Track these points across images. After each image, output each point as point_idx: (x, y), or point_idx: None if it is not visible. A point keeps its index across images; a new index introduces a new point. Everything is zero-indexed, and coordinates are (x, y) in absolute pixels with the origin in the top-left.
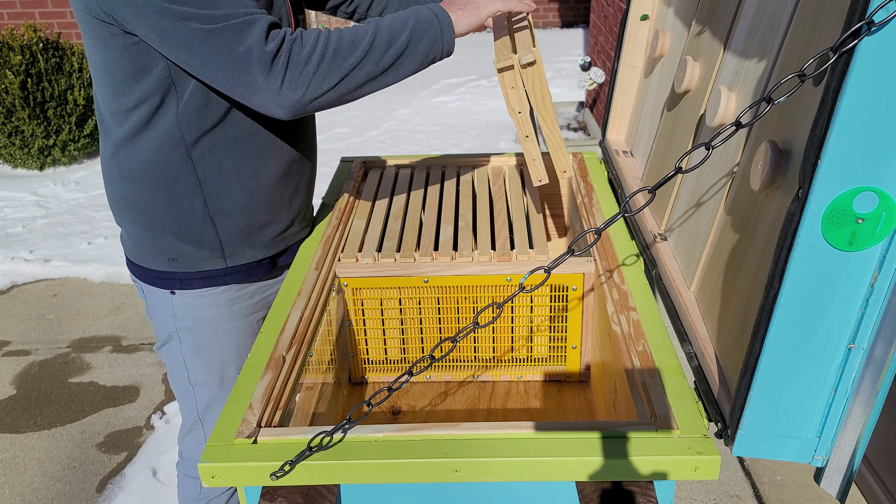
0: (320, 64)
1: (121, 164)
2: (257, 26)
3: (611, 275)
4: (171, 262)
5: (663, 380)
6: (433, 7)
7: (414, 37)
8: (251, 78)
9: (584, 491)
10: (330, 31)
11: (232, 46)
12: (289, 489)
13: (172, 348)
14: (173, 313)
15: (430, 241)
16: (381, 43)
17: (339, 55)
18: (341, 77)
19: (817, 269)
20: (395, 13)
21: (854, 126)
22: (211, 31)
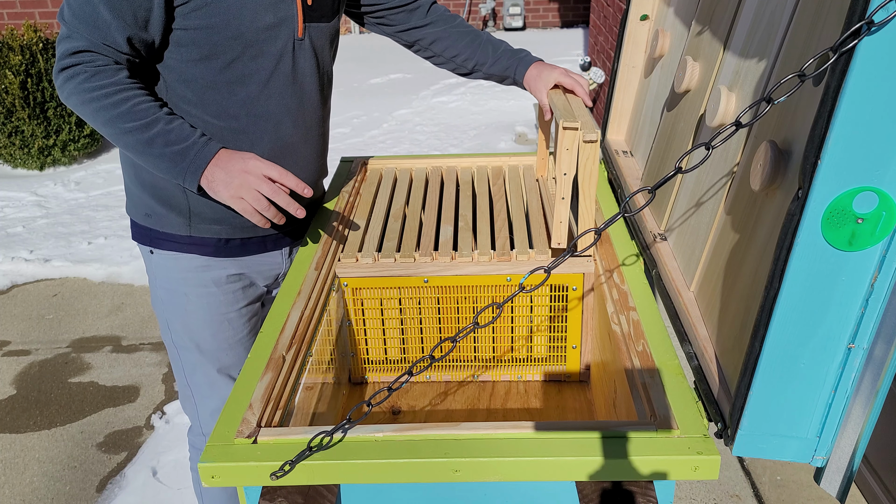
0: (96, 99)
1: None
2: (67, 45)
3: (611, 275)
4: (146, 218)
5: (663, 380)
6: (205, 152)
7: (162, 158)
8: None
9: (584, 491)
10: (129, 92)
11: (58, 41)
12: (289, 489)
13: (158, 307)
14: (154, 272)
15: (430, 241)
16: (141, 139)
17: (114, 108)
18: (95, 120)
19: (817, 269)
20: (183, 128)
21: (854, 126)
22: (62, 16)
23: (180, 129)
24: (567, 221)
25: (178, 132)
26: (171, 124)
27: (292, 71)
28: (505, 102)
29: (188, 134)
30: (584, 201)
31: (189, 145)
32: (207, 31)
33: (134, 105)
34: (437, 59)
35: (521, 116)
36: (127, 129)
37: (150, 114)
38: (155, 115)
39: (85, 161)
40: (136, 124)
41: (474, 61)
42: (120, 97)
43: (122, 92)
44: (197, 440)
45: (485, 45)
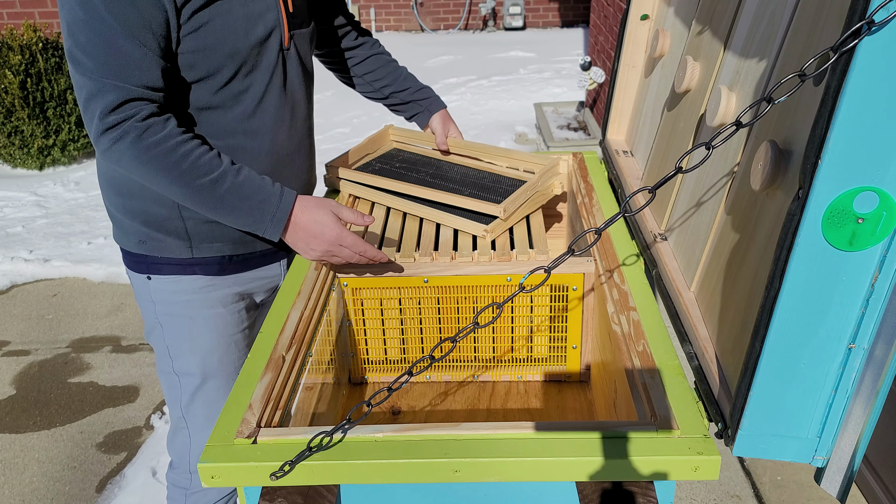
0: (156, 158)
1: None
2: (101, 103)
3: (611, 275)
4: (141, 245)
5: (663, 380)
6: (283, 206)
7: (239, 211)
8: (88, 126)
9: (584, 491)
10: (192, 144)
11: (82, 97)
12: (288, 489)
13: (157, 335)
14: (152, 299)
15: (430, 241)
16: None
17: (177, 166)
18: (159, 180)
19: (817, 269)
20: (256, 180)
21: (854, 126)
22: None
23: (251, 181)
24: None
25: (249, 184)
26: (239, 176)
27: (283, 82)
28: (505, 102)
29: (259, 185)
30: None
31: (265, 198)
32: (203, 52)
33: (197, 159)
34: (357, 80)
35: (521, 116)
36: (196, 186)
37: (216, 166)
38: (221, 167)
39: (84, 161)
40: (205, 181)
41: (391, 89)
42: (180, 153)
43: (181, 146)
44: (181, 479)
45: (403, 78)
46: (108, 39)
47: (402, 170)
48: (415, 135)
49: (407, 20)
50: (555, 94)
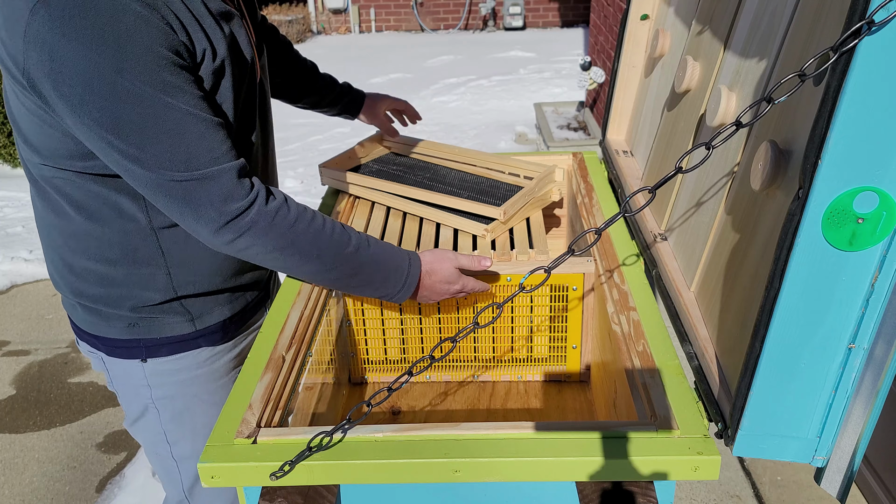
0: (296, 242)
1: (66, 224)
2: (214, 188)
3: (611, 275)
4: (132, 329)
5: (663, 380)
6: (412, 269)
7: (373, 283)
8: (196, 226)
9: (584, 491)
10: (317, 214)
11: (175, 199)
12: (288, 489)
13: (150, 421)
14: (147, 383)
15: (430, 241)
16: (349, 268)
17: (317, 245)
18: (295, 264)
19: (817, 269)
20: (385, 249)
21: (854, 126)
22: (161, 184)
23: (380, 248)
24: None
25: (381, 252)
26: (370, 244)
27: (262, 115)
28: (505, 102)
29: (388, 251)
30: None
31: (398, 265)
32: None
33: (330, 234)
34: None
35: (521, 116)
36: (336, 263)
37: (348, 238)
38: (353, 238)
39: None
40: (345, 254)
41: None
42: (314, 231)
43: (312, 223)
44: None
45: (321, 79)
46: (183, 126)
47: (399, 172)
48: (408, 140)
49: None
50: (555, 94)
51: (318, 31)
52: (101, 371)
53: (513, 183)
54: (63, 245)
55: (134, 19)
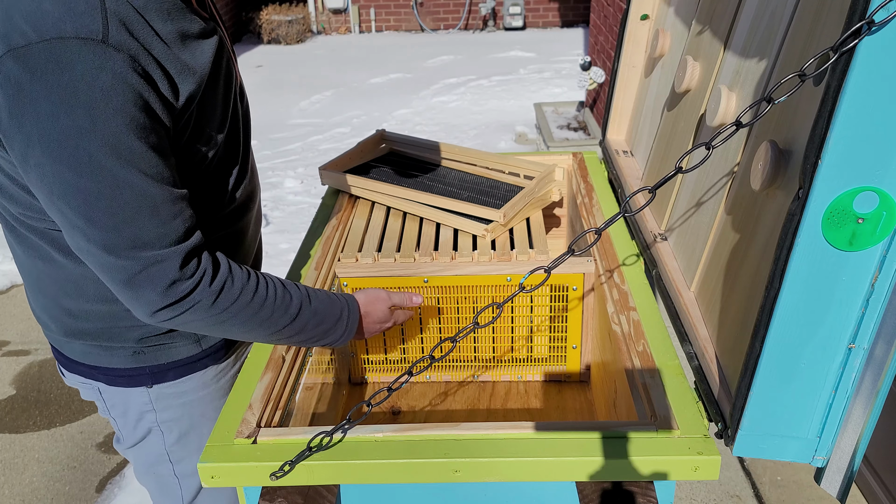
0: (233, 317)
1: (57, 271)
2: (159, 274)
3: (611, 275)
4: (136, 357)
5: (663, 380)
6: (352, 316)
7: (315, 336)
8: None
9: (584, 491)
10: (261, 282)
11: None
12: (288, 489)
13: (152, 443)
14: (152, 408)
15: (430, 241)
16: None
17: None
18: (233, 333)
19: (817, 269)
20: (324, 300)
21: (854, 126)
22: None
23: (320, 302)
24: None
25: (322, 307)
26: (311, 301)
27: (245, 120)
28: (505, 102)
29: (328, 302)
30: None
31: (339, 315)
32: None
33: (272, 302)
34: None
35: (521, 116)
36: (278, 329)
37: (290, 300)
38: (293, 299)
39: None
40: (285, 321)
41: None
42: (256, 303)
43: (256, 294)
44: None
45: None
46: (137, 204)
47: (398, 173)
48: (408, 140)
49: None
50: (555, 94)
51: (318, 31)
52: (92, 400)
53: (513, 183)
54: (58, 291)
55: (111, 78)
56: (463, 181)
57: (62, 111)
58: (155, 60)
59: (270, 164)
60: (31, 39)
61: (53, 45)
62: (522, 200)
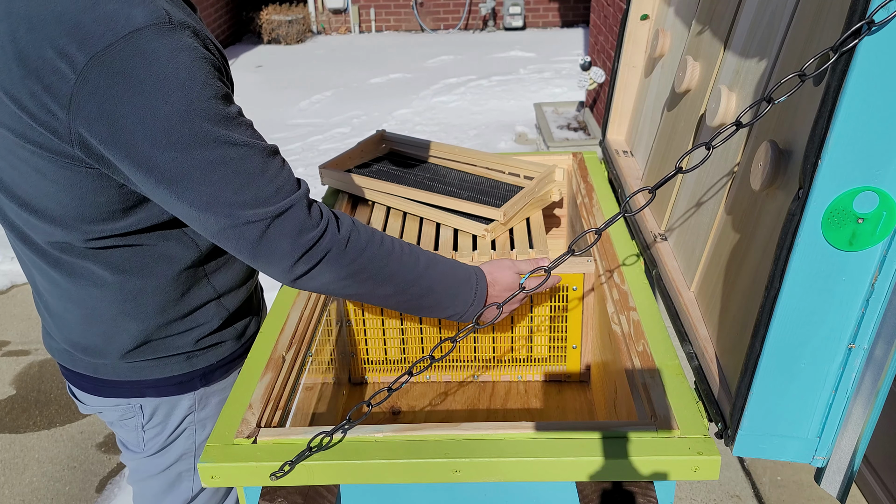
0: (367, 263)
1: (114, 293)
2: (286, 223)
3: (611, 275)
4: (190, 361)
5: (663, 380)
6: (480, 281)
7: (443, 302)
8: (270, 263)
9: (584, 491)
10: (384, 236)
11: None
12: (288, 489)
13: (181, 443)
14: (194, 409)
15: (430, 241)
16: (420, 289)
17: (388, 268)
18: (370, 290)
19: (817, 269)
20: (452, 264)
21: (854, 126)
22: (235, 228)
23: (443, 260)
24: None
25: (444, 263)
26: (438, 264)
27: None
28: (505, 102)
29: (451, 263)
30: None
31: (467, 276)
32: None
33: (400, 254)
34: None
35: (521, 116)
36: (410, 284)
37: (416, 254)
38: (419, 253)
39: None
40: (414, 275)
41: None
42: (384, 253)
43: (382, 245)
44: None
45: None
46: (249, 165)
47: (399, 172)
48: (408, 140)
49: (407, 20)
50: (555, 94)
51: (318, 31)
52: (115, 420)
53: (513, 183)
54: (118, 313)
55: (190, 56)
56: (463, 181)
57: (159, 100)
58: (206, 36)
59: None
60: (109, 40)
61: (132, 38)
62: (522, 200)
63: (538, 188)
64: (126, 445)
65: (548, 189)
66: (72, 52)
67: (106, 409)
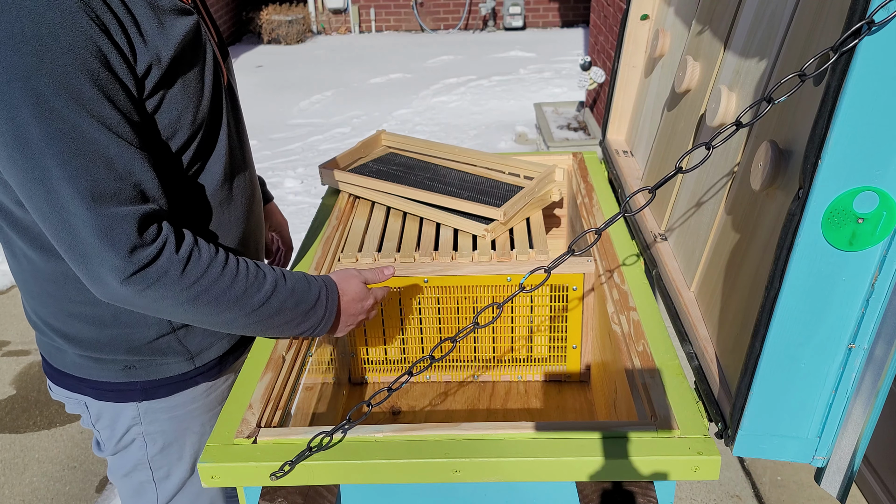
0: (206, 293)
1: (38, 270)
2: (122, 231)
3: (611, 275)
4: (127, 371)
5: (663, 380)
6: (331, 293)
7: (295, 319)
8: (99, 273)
9: (584, 491)
10: (234, 258)
11: (81, 239)
12: (289, 489)
13: (133, 452)
14: (139, 420)
15: (430, 241)
16: (270, 309)
17: (230, 294)
18: (208, 316)
19: (817, 269)
20: (300, 278)
21: (854, 126)
22: (64, 218)
23: (297, 280)
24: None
25: (299, 286)
26: (286, 280)
27: (235, 123)
28: (505, 102)
29: (304, 282)
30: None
31: (318, 296)
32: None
33: (244, 278)
34: None
35: (521, 116)
36: (252, 309)
37: (263, 277)
38: (268, 276)
39: None
40: (260, 299)
41: None
42: (228, 277)
43: (225, 268)
44: None
45: None
46: (90, 151)
47: (399, 172)
48: (408, 140)
49: (407, 20)
50: (555, 94)
51: (318, 32)
52: (77, 413)
53: (513, 183)
54: (41, 292)
55: (60, 16)
56: (463, 181)
57: (9, 49)
58: (111, 12)
59: (270, 164)
60: None
61: None
62: (522, 200)
63: (538, 188)
64: (96, 441)
65: (548, 189)
66: None
67: (64, 400)
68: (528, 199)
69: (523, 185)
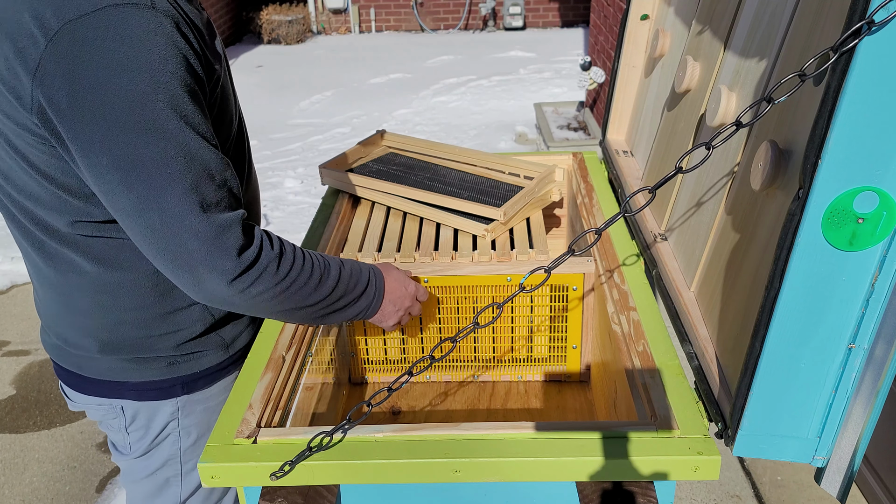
0: (295, 286)
1: (90, 283)
2: (230, 235)
3: (611, 275)
4: (171, 368)
5: (663, 380)
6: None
7: (356, 298)
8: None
9: (584, 491)
10: (302, 251)
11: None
12: (288, 489)
13: (165, 448)
14: (177, 415)
15: (430, 241)
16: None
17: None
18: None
19: (817, 269)
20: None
21: (854, 126)
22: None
23: (351, 265)
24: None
25: (353, 268)
26: (344, 265)
27: (246, 136)
28: (505, 102)
29: (356, 266)
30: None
31: (368, 278)
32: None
33: (317, 267)
34: None
35: (521, 116)
36: (325, 297)
37: (327, 265)
38: (330, 263)
39: None
40: (327, 287)
41: None
42: (307, 269)
43: (305, 261)
44: None
45: None
46: (200, 167)
47: (399, 172)
48: (408, 140)
49: (407, 20)
50: (555, 94)
51: (318, 32)
52: (101, 419)
53: (513, 183)
54: (93, 305)
55: (165, 41)
56: (463, 181)
57: (123, 77)
58: (191, 30)
59: (270, 164)
60: (85, 10)
61: (109, 12)
62: (522, 200)
63: (538, 188)
64: (115, 446)
65: (548, 189)
66: (47, 17)
67: (90, 408)
68: (528, 199)
69: (523, 185)
